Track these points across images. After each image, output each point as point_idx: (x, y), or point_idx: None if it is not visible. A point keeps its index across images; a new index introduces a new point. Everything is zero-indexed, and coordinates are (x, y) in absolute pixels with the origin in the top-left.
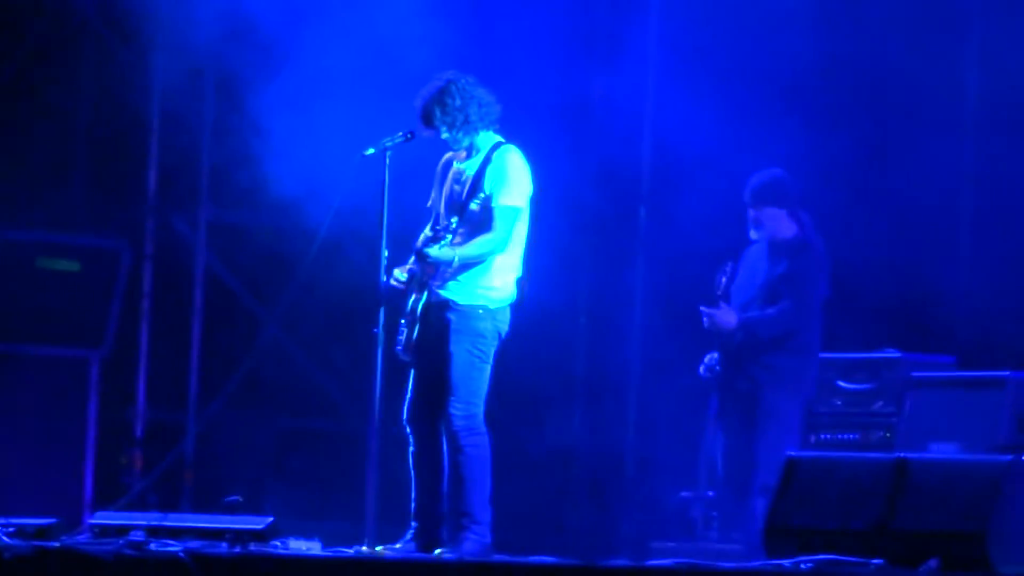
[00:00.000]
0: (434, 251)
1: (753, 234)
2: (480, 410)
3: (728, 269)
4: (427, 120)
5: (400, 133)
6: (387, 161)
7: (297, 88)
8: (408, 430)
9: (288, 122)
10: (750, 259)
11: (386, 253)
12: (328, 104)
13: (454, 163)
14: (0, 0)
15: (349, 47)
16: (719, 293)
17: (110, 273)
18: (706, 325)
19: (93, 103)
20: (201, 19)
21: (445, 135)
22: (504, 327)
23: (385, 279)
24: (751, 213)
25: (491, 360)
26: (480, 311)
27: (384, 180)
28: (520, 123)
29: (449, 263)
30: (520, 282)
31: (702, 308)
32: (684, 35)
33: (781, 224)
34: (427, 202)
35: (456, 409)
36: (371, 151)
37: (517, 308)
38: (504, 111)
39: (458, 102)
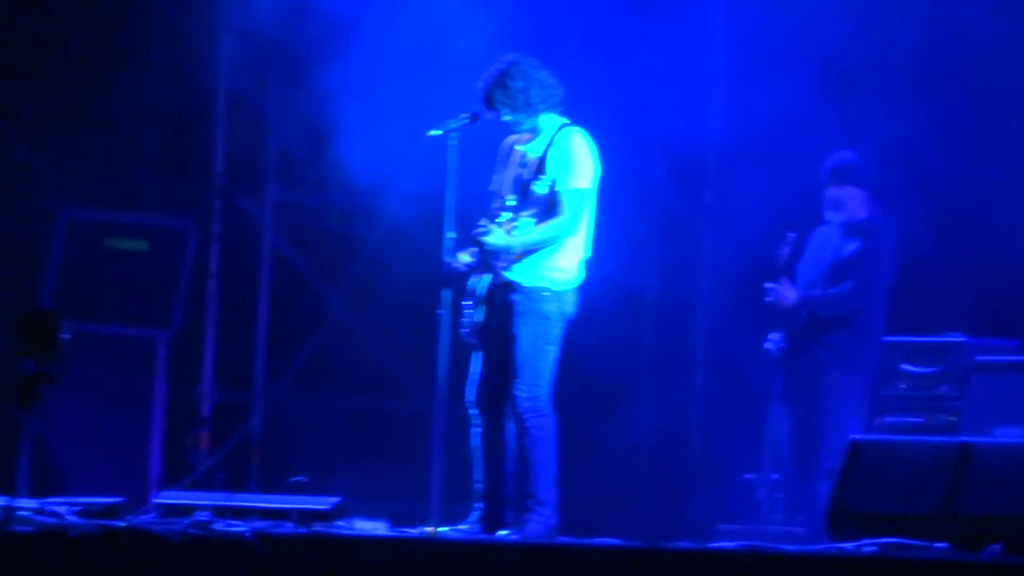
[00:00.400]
0: (491, 239)
1: (830, 215)
2: (545, 391)
3: (791, 240)
4: (489, 102)
5: (464, 115)
6: (451, 142)
7: (363, 69)
8: (473, 411)
9: (354, 103)
10: (819, 239)
11: (451, 234)
12: (394, 84)
13: (516, 146)
14: None
15: (414, 28)
16: (781, 264)
17: (177, 253)
18: (769, 300)
19: (160, 83)
20: None
21: (507, 117)
22: (570, 309)
23: (450, 260)
24: (831, 192)
25: (557, 342)
26: (545, 293)
27: (448, 161)
28: (586, 106)
29: (509, 250)
30: (587, 263)
31: (767, 284)
32: (751, 16)
33: (858, 205)
34: (489, 185)
35: (521, 391)
36: (436, 132)
37: (585, 289)
38: (569, 94)
39: (519, 84)
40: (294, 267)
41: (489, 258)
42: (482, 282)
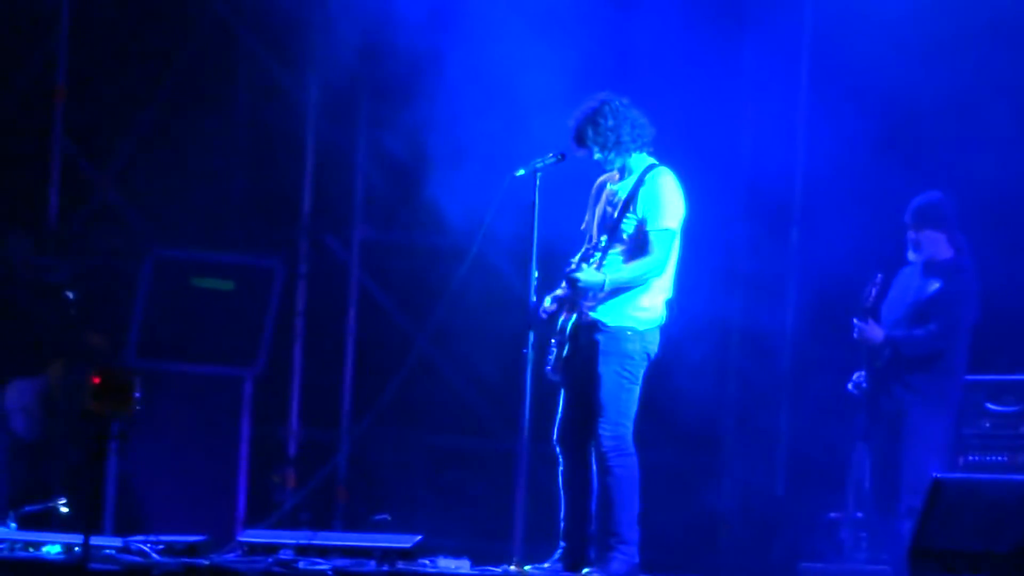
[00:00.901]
0: (583, 276)
1: (911, 255)
2: (629, 431)
3: (878, 280)
4: (580, 140)
5: (551, 154)
6: (538, 182)
7: (449, 107)
8: (558, 450)
9: (440, 142)
10: (903, 279)
11: (536, 273)
12: (480, 123)
13: (608, 185)
14: (155, 21)
15: (499, 66)
16: (868, 305)
17: (264, 291)
18: (855, 337)
19: (248, 123)
20: (355, 39)
21: (597, 155)
22: (653, 348)
23: (535, 300)
24: (911, 235)
25: (640, 381)
26: (629, 332)
27: (535, 201)
28: (673, 147)
29: (600, 287)
30: (671, 304)
31: (854, 321)
32: (837, 53)
33: (940, 247)
34: (581, 225)
35: (604, 430)
36: (522, 172)
37: (670, 328)
38: (658, 135)
39: (611, 122)
40: (380, 306)
41: (577, 296)
42: (567, 320)
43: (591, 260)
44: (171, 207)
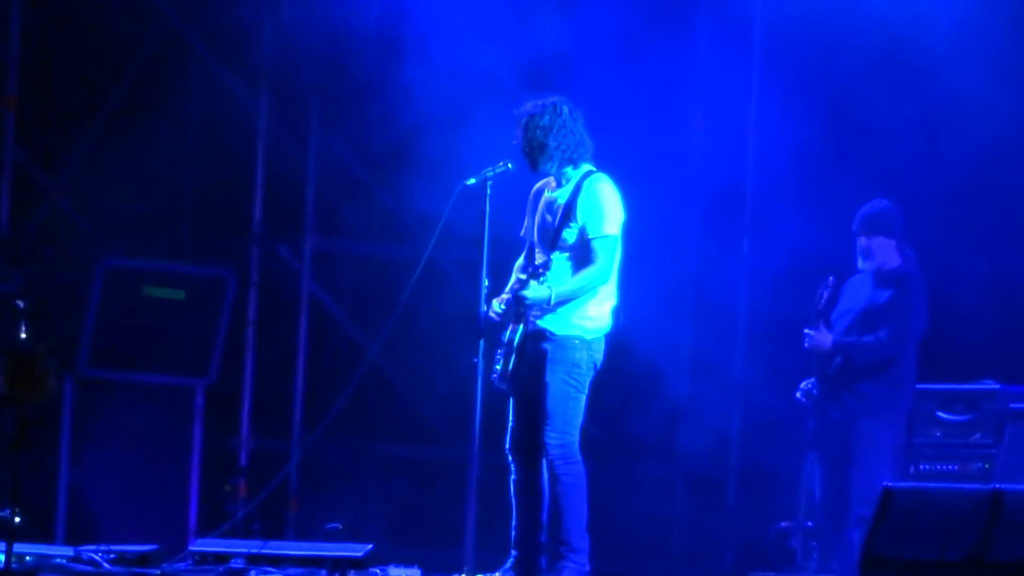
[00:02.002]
0: (530, 293)
1: (861, 263)
2: (575, 439)
3: (830, 283)
4: (516, 127)
5: (501, 163)
6: (488, 191)
7: (400, 117)
8: (510, 459)
9: (391, 150)
10: (853, 287)
11: (486, 282)
12: (431, 133)
13: (545, 191)
14: (106, 30)
15: (451, 77)
16: (820, 308)
17: (215, 301)
18: (806, 346)
19: (199, 131)
20: (306, 48)
21: (523, 149)
22: (599, 357)
23: (485, 309)
24: (862, 241)
25: (586, 390)
26: (576, 341)
27: (485, 210)
28: (623, 156)
29: (547, 302)
30: (616, 311)
31: (805, 330)
32: (785, 61)
33: (889, 254)
34: (521, 231)
35: (551, 438)
36: (472, 181)
37: (621, 337)
38: (603, 140)
39: (544, 122)
40: (332, 315)
41: (524, 309)
42: (514, 331)
43: (535, 272)
44: (122, 216)
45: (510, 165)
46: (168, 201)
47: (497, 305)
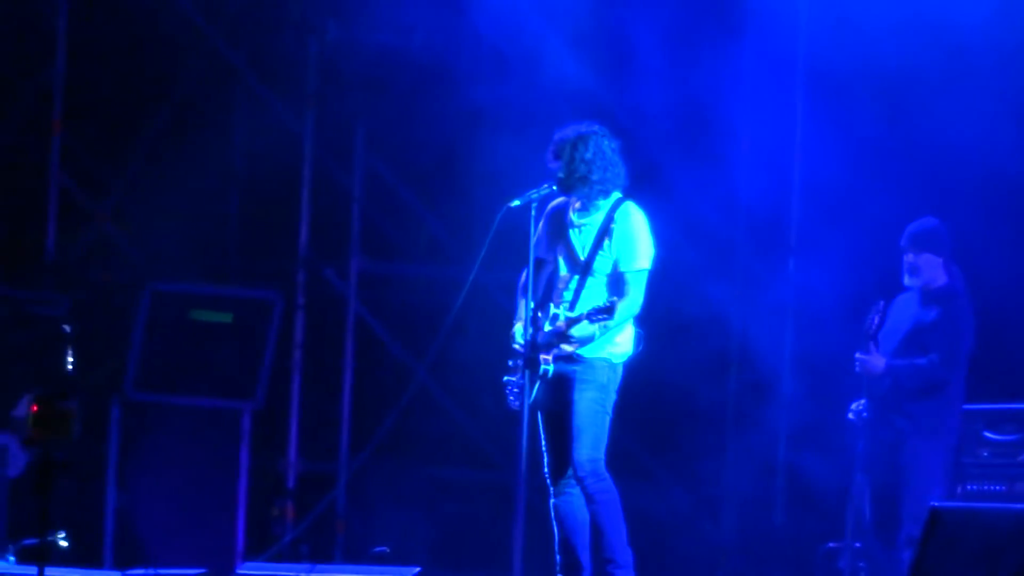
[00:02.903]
0: (577, 332)
1: (908, 280)
2: (602, 456)
3: (880, 308)
4: (555, 155)
5: (545, 185)
6: (533, 212)
7: (446, 139)
8: (549, 482)
9: (436, 173)
10: (900, 306)
11: (532, 304)
12: (476, 154)
13: (570, 212)
14: (151, 54)
15: (498, 96)
16: (870, 333)
17: (262, 324)
18: (857, 370)
19: (245, 155)
20: (350, 71)
21: (560, 174)
22: (620, 380)
23: (532, 331)
24: (909, 258)
25: (612, 412)
26: (604, 364)
27: (530, 231)
28: (670, 178)
29: (592, 339)
30: (639, 338)
31: (856, 354)
32: (831, 82)
33: (936, 272)
34: (537, 249)
35: (581, 455)
36: (517, 203)
37: (668, 357)
38: (655, 166)
39: (588, 154)
40: (378, 337)
41: (559, 342)
42: (548, 363)
43: (564, 298)
44: (168, 240)
45: (554, 187)
46: (214, 225)
47: (519, 335)
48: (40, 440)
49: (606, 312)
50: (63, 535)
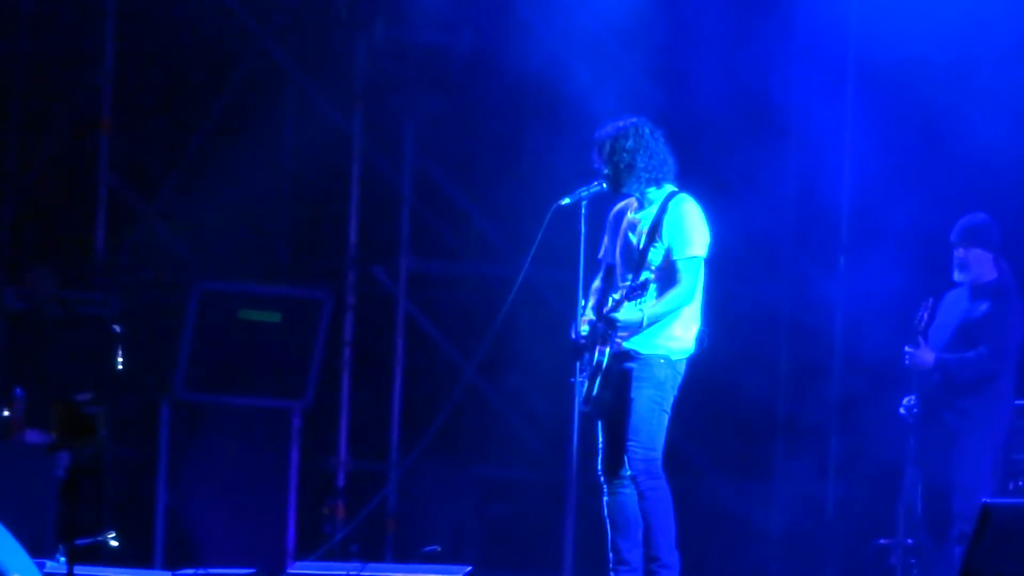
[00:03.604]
0: (622, 316)
1: (958, 275)
2: (659, 456)
3: (929, 304)
4: (598, 153)
5: (596, 183)
6: (583, 211)
7: (495, 137)
8: (602, 480)
9: (485, 171)
10: (949, 302)
11: (583, 303)
12: (526, 153)
13: (628, 213)
14: (199, 53)
15: (545, 96)
16: (920, 329)
17: (312, 323)
18: (907, 363)
19: (294, 153)
20: (399, 70)
21: (606, 171)
22: (680, 379)
23: (584, 330)
24: (959, 253)
25: (670, 410)
26: (662, 360)
27: (580, 230)
28: (720, 176)
29: (639, 326)
30: (701, 335)
31: (906, 348)
32: (881, 82)
33: (986, 267)
34: (599, 253)
35: (636, 453)
36: (567, 201)
37: (719, 356)
38: (705, 164)
39: (630, 144)
40: (427, 336)
41: (613, 331)
42: (603, 355)
43: (631, 294)
44: (217, 239)
45: (605, 185)
46: (263, 224)
47: (584, 328)
48: (64, 446)
49: (641, 288)
50: (113, 535)
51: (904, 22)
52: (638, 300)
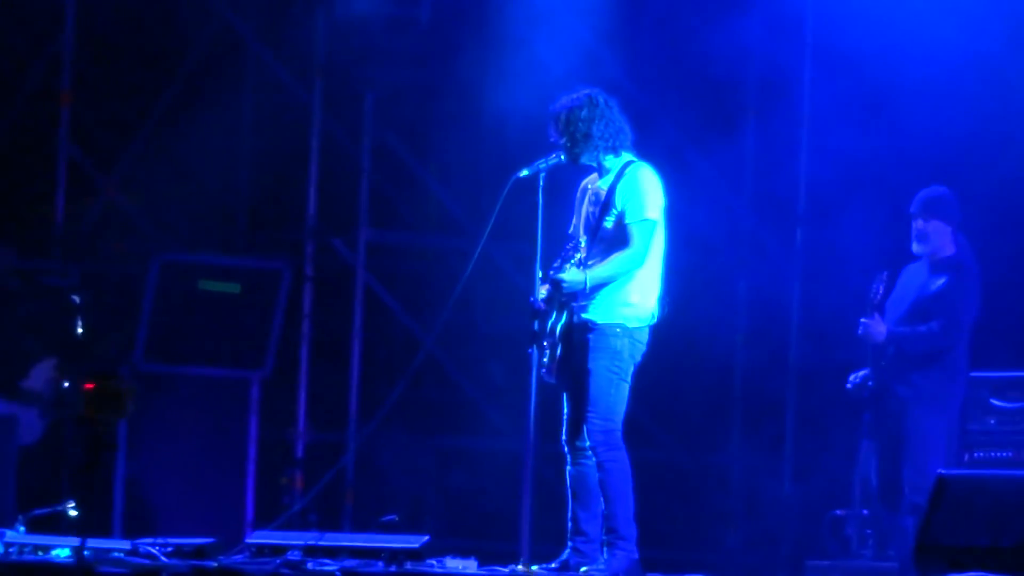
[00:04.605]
0: (567, 276)
1: (916, 247)
2: (618, 427)
3: (884, 277)
4: (554, 125)
5: (553, 155)
6: (541, 182)
7: (453, 109)
8: (566, 450)
9: (445, 143)
10: (907, 276)
11: (540, 274)
12: (484, 124)
13: (589, 186)
14: (159, 25)
15: (506, 69)
16: (875, 301)
17: (271, 294)
18: (859, 333)
19: (254, 126)
20: (358, 42)
21: (563, 142)
22: (642, 347)
23: (535, 299)
24: (918, 224)
25: (629, 379)
26: (618, 330)
27: (538, 201)
28: (677, 147)
29: (582, 286)
30: (661, 302)
31: (860, 319)
32: (838, 52)
33: (944, 240)
34: (569, 228)
35: (594, 425)
36: (525, 173)
37: (675, 326)
38: (662, 135)
39: (584, 114)
40: (387, 307)
41: (565, 298)
42: (557, 322)
43: (570, 262)
44: (177, 210)
45: (563, 157)
46: (222, 195)
47: (541, 292)
48: (93, 418)
49: (574, 249)
50: (72, 504)
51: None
52: (570, 262)
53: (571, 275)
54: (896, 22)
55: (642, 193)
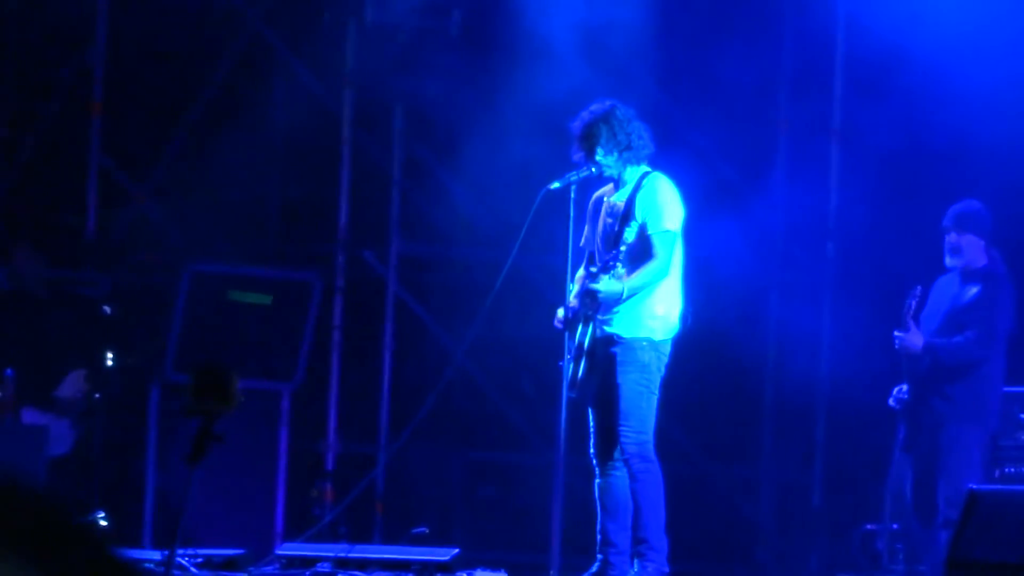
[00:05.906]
0: (602, 287)
1: (949, 260)
2: (650, 439)
3: (917, 292)
4: (588, 138)
5: (585, 168)
6: (573, 195)
7: (483, 120)
8: (595, 463)
9: (475, 155)
10: (940, 288)
11: (572, 287)
12: (516, 136)
13: (605, 198)
14: (191, 35)
15: (534, 81)
16: (909, 316)
17: (301, 306)
18: (896, 347)
19: (285, 136)
20: (389, 52)
21: (601, 158)
22: (666, 360)
23: (571, 305)
24: (951, 238)
25: (657, 392)
26: (644, 343)
27: (569, 214)
28: (709, 160)
29: (619, 297)
30: (685, 315)
31: (895, 332)
32: (869, 64)
33: (978, 253)
34: (580, 240)
35: (627, 437)
36: (556, 185)
37: (706, 341)
38: (694, 148)
39: (606, 127)
40: (417, 319)
41: (595, 305)
42: (585, 335)
43: (605, 267)
44: (208, 221)
45: (593, 170)
46: (254, 206)
47: (560, 312)
48: (201, 411)
49: (613, 260)
50: (102, 515)
51: (891, 15)
52: (613, 272)
53: (606, 286)
54: (929, 32)
55: (662, 204)
